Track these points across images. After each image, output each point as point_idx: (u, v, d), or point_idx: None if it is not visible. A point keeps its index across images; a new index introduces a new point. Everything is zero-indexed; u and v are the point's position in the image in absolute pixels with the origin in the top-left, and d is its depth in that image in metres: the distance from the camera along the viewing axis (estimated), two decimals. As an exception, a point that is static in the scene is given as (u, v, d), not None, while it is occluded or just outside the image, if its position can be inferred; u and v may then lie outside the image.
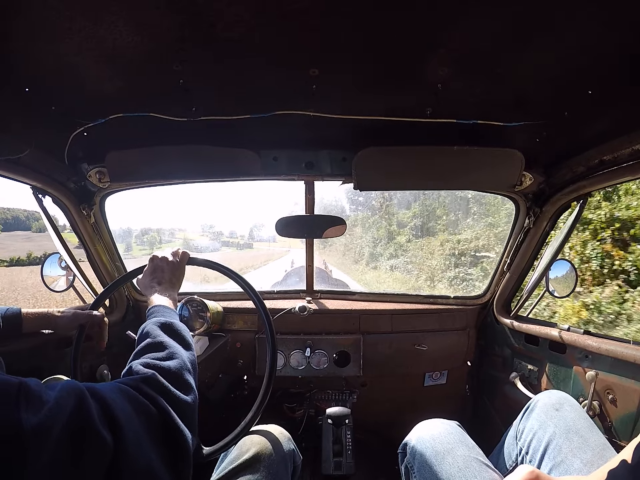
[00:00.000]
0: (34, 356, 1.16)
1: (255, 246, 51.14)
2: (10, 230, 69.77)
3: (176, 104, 0.99)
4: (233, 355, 1.61)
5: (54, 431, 0.43)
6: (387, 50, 0.77)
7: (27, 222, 64.15)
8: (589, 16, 0.64)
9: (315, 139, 1.24)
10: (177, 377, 0.66)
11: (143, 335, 0.77)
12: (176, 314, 0.85)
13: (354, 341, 1.61)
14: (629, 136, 0.97)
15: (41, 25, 0.67)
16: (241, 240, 53.30)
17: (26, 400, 0.43)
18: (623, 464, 0.63)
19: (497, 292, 1.64)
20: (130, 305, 1.65)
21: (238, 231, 63.60)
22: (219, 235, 59.90)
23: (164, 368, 0.66)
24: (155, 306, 0.85)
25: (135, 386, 0.59)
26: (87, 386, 0.52)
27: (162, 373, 0.64)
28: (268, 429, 0.97)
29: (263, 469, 0.85)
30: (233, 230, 58.76)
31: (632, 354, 1.03)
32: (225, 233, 56.29)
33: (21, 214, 77.89)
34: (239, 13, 0.65)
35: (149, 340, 0.74)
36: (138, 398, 0.57)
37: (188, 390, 0.67)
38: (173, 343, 0.74)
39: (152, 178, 1.28)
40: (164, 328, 0.77)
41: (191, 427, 0.63)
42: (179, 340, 0.76)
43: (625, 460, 0.63)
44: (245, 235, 58.32)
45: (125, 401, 0.55)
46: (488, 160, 1.19)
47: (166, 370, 0.66)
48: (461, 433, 0.93)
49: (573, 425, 0.90)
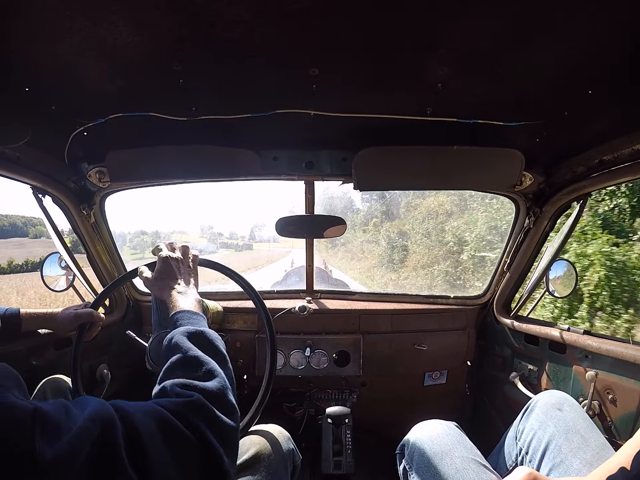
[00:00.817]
0: (34, 355, 1.16)
1: (255, 247, 50.05)
2: (6, 237, 68.66)
3: (176, 104, 0.99)
4: (233, 355, 1.60)
5: (73, 465, 0.39)
6: (387, 50, 0.77)
7: (25, 228, 63.10)
8: (588, 16, 0.64)
9: (315, 139, 1.24)
10: (220, 399, 0.59)
11: (172, 348, 0.68)
12: (204, 319, 0.78)
13: (354, 341, 1.61)
14: (629, 136, 0.97)
15: (41, 25, 0.66)
16: (240, 242, 52.05)
17: (42, 428, 0.39)
18: (622, 466, 0.63)
19: (497, 292, 1.64)
20: (130, 305, 1.65)
21: (238, 232, 61.84)
22: (217, 236, 58.01)
23: (205, 390, 0.59)
24: (180, 312, 0.77)
25: (177, 412, 0.52)
26: (116, 406, 0.47)
27: (205, 396, 0.57)
28: (267, 429, 0.97)
29: (263, 469, 0.85)
30: (233, 231, 57.07)
31: (632, 354, 1.03)
32: (225, 234, 54.78)
33: (19, 220, 76.65)
34: (239, 13, 0.65)
35: (179, 356, 0.66)
36: (177, 427, 0.51)
37: (232, 412, 0.60)
38: (208, 358, 0.66)
39: (152, 178, 1.28)
40: (195, 339, 0.69)
41: (234, 451, 0.58)
42: (213, 353, 0.68)
43: (624, 460, 0.63)
44: (246, 236, 56.88)
45: (160, 430, 0.49)
46: (488, 160, 1.18)
47: (208, 393, 0.58)
48: (459, 434, 0.93)
49: (573, 425, 0.90)
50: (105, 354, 1.48)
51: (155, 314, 1.09)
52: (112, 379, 1.44)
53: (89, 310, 1.13)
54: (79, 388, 1.05)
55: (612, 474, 0.64)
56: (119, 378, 1.53)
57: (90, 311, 1.12)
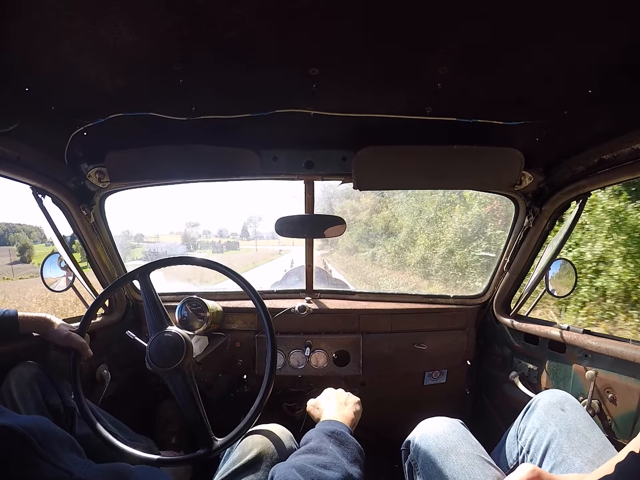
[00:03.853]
0: (34, 356, 1.16)
1: (243, 246, 46.64)
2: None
3: (176, 104, 0.99)
4: (233, 355, 1.61)
5: None
6: (387, 50, 0.77)
7: (5, 235, 59.87)
8: (588, 16, 0.64)
9: (315, 139, 1.24)
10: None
11: (306, 440, 0.74)
12: (348, 429, 0.80)
13: (354, 341, 1.61)
14: (629, 135, 0.97)
15: (41, 25, 0.66)
16: (231, 239, 47.96)
17: None
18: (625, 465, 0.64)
19: (497, 291, 1.64)
20: (130, 306, 1.65)
21: (229, 229, 56.81)
22: (198, 235, 54.18)
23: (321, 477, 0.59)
24: (326, 420, 0.82)
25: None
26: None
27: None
28: (270, 429, 0.97)
29: (266, 468, 0.85)
30: (223, 227, 52.33)
31: (632, 353, 1.03)
32: (213, 231, 50.78)
33: (0, 228, 72.49)
34: (239, 13, 0.65)
35: (311, 444, 0.69)
36: None
37: None
38: (338, 454, 0.67)
39: (152, 178, 1.28)
40: (331, 435, 0.73)
41: None
42: (345, 452, 0.70)
43: (630, 456, 0.64)
44: (237, 233, 52.14)
45: None
46: (488, 159, 1.19)
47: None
48: (464, 431, 0.93)
49: (574, 425, 0.90)
50: (105, 354, 1.48)
51: (149, 317, 1.10)
52: (112, 379, 1.44)
53: (82, 342, 1.14)
54: (79, 393, 1.06)
55: (615, 473, 0.64)
56: (119, 378, 1.53)
57: (82, 343, 1.14)
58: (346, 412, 0.90)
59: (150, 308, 1.10)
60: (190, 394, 1.01)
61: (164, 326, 1.08)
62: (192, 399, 1.01)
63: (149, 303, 1.11)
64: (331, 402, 0.96)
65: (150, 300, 1.11)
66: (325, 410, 0.93)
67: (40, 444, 0.48)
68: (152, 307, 1.10)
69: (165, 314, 1.11)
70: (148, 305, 1.10)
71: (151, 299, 1.11)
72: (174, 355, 1.02)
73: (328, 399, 0.98)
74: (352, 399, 0.99)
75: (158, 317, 1.09)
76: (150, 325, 1.09)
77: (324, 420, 0.84)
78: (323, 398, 0.99)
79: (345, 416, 0.87)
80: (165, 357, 1.02)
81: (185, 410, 1.01)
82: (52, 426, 0.52)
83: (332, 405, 0.94)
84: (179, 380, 1.02)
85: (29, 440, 0.47)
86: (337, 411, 0.90)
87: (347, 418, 0.87)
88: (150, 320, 1.09)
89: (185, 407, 1.01)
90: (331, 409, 0.92)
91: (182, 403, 1.01)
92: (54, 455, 0.49)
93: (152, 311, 1.10)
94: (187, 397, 1.01)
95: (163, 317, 1.10)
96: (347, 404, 0.95)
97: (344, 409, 0.92)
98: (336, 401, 0.95)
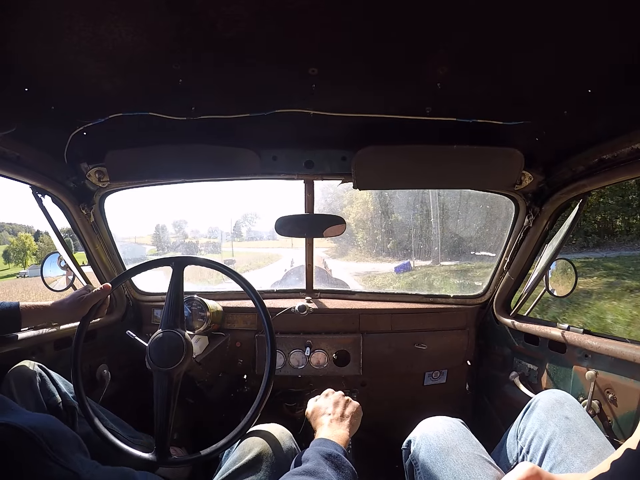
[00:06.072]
0: (34, 355, 1.16)
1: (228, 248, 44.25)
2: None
3: (175, 103, 0.99)
4: (233, 355, 1.61)
5: None
6: (386, 49, 0.77)
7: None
8: (588, 16, 0.64)
9: (314, 138, 1.24)
10: None
11: (301, 460, 0.75)
12: (344, 451, 0.81)
13: (354, 340, 1.61)
14: (629, 135, 0.97)
15: (41, 25, 0.66)
16: (211, 240, 45.21)
17: None
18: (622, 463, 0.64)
19: (497, 291, 1.64)
20: (130, 305, 1.65)
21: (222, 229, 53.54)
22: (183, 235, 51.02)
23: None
24: (322, 438, 0.83)
25: None
26: None
27: None
28: (269, 429, 0.97)
29: (266, 469, 0.85)
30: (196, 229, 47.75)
31: (632, 353, 1.03)
32: (203, 231, 47.81)
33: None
34: (238, 13, 0.65)
35: (308, 466, 0.70)
36: None
37: None
38: (334, 478, 0.69)
39: (151, 177, 1.28)
40: (328, 458, 0.74)
41: None
42: (340, 477, 0.71)
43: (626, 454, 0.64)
44: (229, 233, 48.94)
45: None
46: (488, 159, 1.18)
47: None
48: (465, 430, 0.93)
49: (574, 425, 0.90)
50: (105, 354, 1.48)
51: (167, 309, 1.08)
52: (112, 379, 1.44)
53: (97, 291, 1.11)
54: (79, 387, 1.05)
55: (612, 470, 0.64)
56: (119, 378, 1.53)
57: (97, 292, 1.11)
58: (342, 431, 0.90)
59: (171, 300, 1.08)
60: (167, 401, 1.00)
61: (175, 326, 1.06)
62: (167, 405, 0.99)
63: (172, 296, 1.08)
64: (328, 416, 0.94)
65: (174, 294, 1.09)
66: (322, 425, 0.92)
67: (48, 444, 0.48)
68: (174, 302, 1.08)
69: (182, 316, 1.09)
70: (171, 297, 1.08)
71: (176, 293, 1.09)
72: (171, 358, 1.01)
73: (326, 409, 0.97)
74: (351, 409, 0.98)
75: (174, 315, 1.07)
76: (163, 319, 1.07)
77: (320, 438, 0.84)
78: (322, 408, 0.98)
79: (340, 436, 0.87)
80: (163, 358, 1.01)
81: (157, 414, 1.00)
82: (60, 426, 0.52)
83: (329, 420, 0.93)
84: (164, 384, 1.00)
85: (38, 441, 0.47)
86: (333, 430, 0.89)
87: (342, 439, 0.86)
88: (166, 313, 1.07)
89: (157, 410, 1.00)
90: (328, 426, 0.91)
91: (156, 405, 1.00)
92: (62, 457, 0.49)
93: (172, 307, 1.07)
94: (163, 403, 0.99)
95: (178, 317, 1.07)
96: (344, 418, 0.94)
97: (340, 427, 0.91)
98: (333, 416, 0.94)
